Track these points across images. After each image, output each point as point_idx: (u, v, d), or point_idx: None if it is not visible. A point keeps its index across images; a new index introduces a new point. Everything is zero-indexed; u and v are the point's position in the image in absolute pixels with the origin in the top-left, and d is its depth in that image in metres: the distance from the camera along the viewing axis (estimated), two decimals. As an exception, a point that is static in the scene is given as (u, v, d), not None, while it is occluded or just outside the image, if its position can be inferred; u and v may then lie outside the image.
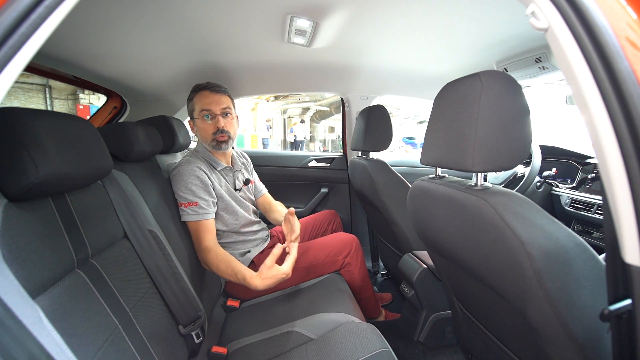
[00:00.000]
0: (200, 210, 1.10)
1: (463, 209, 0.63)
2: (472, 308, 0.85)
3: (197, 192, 1.11)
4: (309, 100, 11.69)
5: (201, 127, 1.18)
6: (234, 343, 0.98)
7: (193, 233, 1.11)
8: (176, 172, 1.13)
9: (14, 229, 0.48)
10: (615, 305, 0.42)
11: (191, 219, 1.10)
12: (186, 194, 1.10)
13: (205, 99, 1.16)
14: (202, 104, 1.16)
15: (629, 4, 0.41)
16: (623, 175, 0.39)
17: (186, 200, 1.10)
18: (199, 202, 1.11)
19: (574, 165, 1.66)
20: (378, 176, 1.31)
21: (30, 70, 1.26)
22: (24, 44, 0.37)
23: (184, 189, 1.11)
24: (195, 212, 1.09)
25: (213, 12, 1.01)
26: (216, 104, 1.16)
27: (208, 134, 1.17)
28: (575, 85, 0.42)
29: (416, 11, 1.01)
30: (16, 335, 0.36)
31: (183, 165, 1.14)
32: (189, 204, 1.10)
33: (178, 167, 1.15)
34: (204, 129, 1.17)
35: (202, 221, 1.10)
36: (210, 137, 1.17)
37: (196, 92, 1.18)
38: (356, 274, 1.28)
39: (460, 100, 0.62)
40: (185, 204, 1.10)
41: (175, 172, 1.14)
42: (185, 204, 1.10)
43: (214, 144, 1.19)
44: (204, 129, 1.17)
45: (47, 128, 0.54)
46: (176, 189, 1.12)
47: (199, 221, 1.10)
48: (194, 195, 1.10)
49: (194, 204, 1.10)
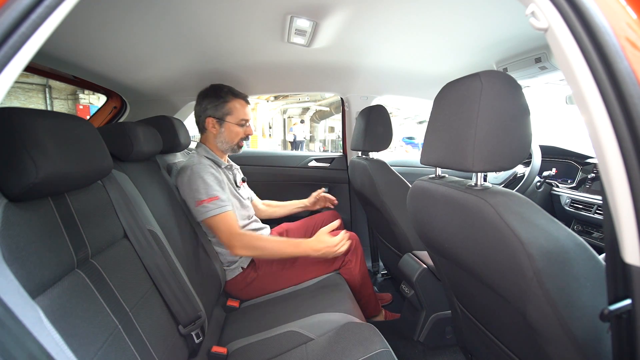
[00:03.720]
0: (221, 203, 1.13)
1: (463, 209, 0.63)
2: (472, 308, 0.85)
3: (215, 187, 1.15)
4: (309, 100, 11.68)
5: (234, 131, 1.27)
6: (234, 343, 0.98)
7: (220, 226, 1.12)
8: (190, 172, 1.15)
9: (14, 229, 0.48)
10: (615, 305, 0.42)
11: (216, 213, 1.11)
12: (207, 189, 1.13)
13: (244, 109, 1.29)
14: (243, 114, 1.28)
15: (629, 4, 0.41)
16: (623, 175, 0.39)
17: (207, 195, 1.12)
18: (219, 195, 1.14)
19: (574, 165, 1.66)
20: (378, 176, 1.31)
21: (30, 70, 1.27)
22: (24, 44, 0.37)
23: (203, 186, 1.13)
24: (218, 205, 1.12)
25: (213, 12, 1.01)
26: (250, 114, 1.32)
27: (237, 138, 1.29)
28: (575, 85, 0.42)
29: (416, 11, 1.01)
30: (16, 335, 0.36)
31: (195, 164, 1.17)
32: (211, 199, 1.12)
33: (190, 167, 1.16)
34: (237, 133, 1.28)
35: (226, 212, 1.13)
36: (237, 141, 1.29)
37: (236, 98, 1.28)
38: (356, 272, 1.28)
39: (460, 100, 0.62)
40: (206, 200, 1.11)
41: (188, 172, 1.16)
42: (207, 199, 1.12)
43: (235, 147, 1.30)
44: (237, 133, 1.28)
45: (47, 128, 0.54)
46: (194, 187, 1.13)
47: (223, 213, 1.12)
48: (213, 190, 1.14)
49: (215, 198, 1.13)
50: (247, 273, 1.24)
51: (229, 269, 1.25)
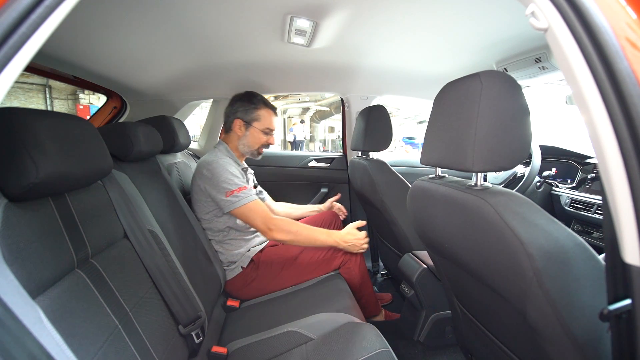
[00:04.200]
0: (249, 192, 1.18)
1: (463, 209, 0.63)
2: (472, 308, 0.85)
3: (241, 178, 1.20)
4: (309, 100, 11.67)
5: (257, 137, 1.33)
6: (234, 343, 0.98)
7: (254, 213, 1.16)
8: (216, 165, 1.18)
9: (14, 229, 0.48)
10: (614, 305, 0.42)
11: (249, 201, 1.16)
12: (235, 179, 1.17)
13: (271, 118, 1.36)
14: (269, 123, 1.35)
15: (628, 4, 0.41)
16: (623, 175, 0.39)
17: (237, 186, 1.16)
18: (246, 185, 1.19)
19: (573, 165, 1.66)
20: (378, 176, 1.31)
21: (30, 70, 1.26)
22: (24, 44, 0.37)
23: (230, 177, 1.16)
24: (247, 194, 1.16)
25: (213, 12, 1.01)
26: (275, 125, 1.38)
27: (258, 144, 1.35)
28: (575, 85, 0.42)
29: (416, 11, 1.01)
30: (16, 335, 0.36)
31: (220, 158, 1.20)
32: (240, 189, 1.16)
33: (216, 160, 1.19)
34: (259, 140, 1.34)
35: (256, 200, 1.18)
36: (258, 147, 1.35)
37: (267, 107, 1.35)
38: (355, 272, 1.28)
39: (460, 100, 0.62)
40: (236, 190, 1.15)
41: (214, 165, 1.18)
42: (237, 189, 1.15)
43: (255, 153, 1.36)
44: (259, 140, 1.34)
45: (47, 128, 0.54)
46: (222, 179, 1.16)
47: (254, 200, 1.17)
48: (240, 180, 1.18)
49: (244, 187, 1.17)
50: (247, 273, 1.24)
51: (228, 268, 1.25)
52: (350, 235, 1.22)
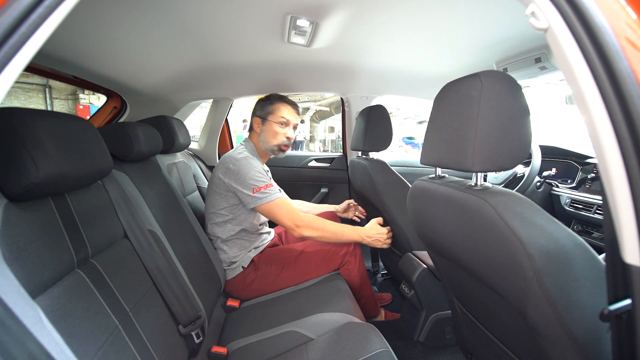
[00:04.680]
0: (276, 189, 1.20)
1: (463, 209, 0.63)
2: (472, 308, 0.85)
3: (266, 176, 1.23)
4: (309, 100, 11.67)
5: (274, 130, 1.31)
6: (234, 343, 0.98)
7: (281, 209, 1.17)
8: (244, 162, 1.19)
9: (14, 229, 0.48)
10: (615, 305, 0.42)
11: (276, 197, 1.17)
12: (262, 177, 1.18)
13: (289, 110, 1.34)
14: (286, 113, 1.32)
15: (628, 4, 0.41)
16: (623, 175, 0.39)
17: (264, 183, 1.17)
18: (272, 183, 1.20)
19: (574, 165, 1.66)
20: (378, 176, 1.31)
21: (30, 70, 1.27)
22: (24, 44, 0.37)
23: (257, 174, 1.17)
24: (274, 191, 1.18)
25: (213, 12, 1.01)
26: (295, 118, 1.36)
27: (276, 138, 1.31)
28: (575, 85, 0.42)
29: (416, 11, 1.01)
30: (16, 335, 0.36)
31: (247, 156, 1.21)
32: (267, 186, 1.17)
33: (244, 157, 1.20)
34: (276, 133, 1.31)
35: (282, 197, 1.19)
36: (278, 142, 1.31)
37: (282, 101, 1.34)
38: (355, 272, 1.28)
39: (460, 100, 0.62)
40: (264, 187, 1.16)
41: (242, 161, 1.19)
42: (264, 186, 1.16)
43: (275, 149, 1.33)
44: (276, 133, 1.31)
45: (48, 128, 0.54)
46: (250, 175, 1.16)
47: (281, 197, 1.18)
48: (266, 178, 1.20)
49: (270, 185, 1.18)
50: (247, 273, 1.24)
51: (229, 268, 1.25)
52: (374, 230, 1.25)
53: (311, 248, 1.29)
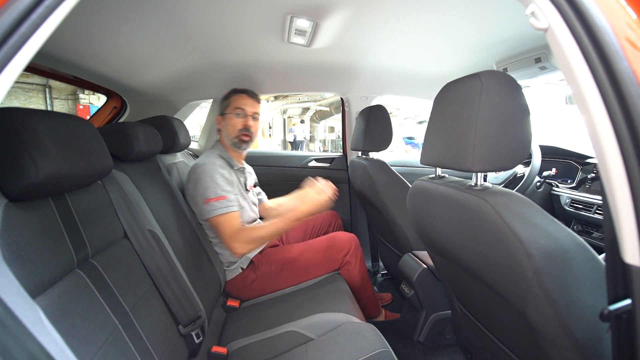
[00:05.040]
0: (228, 202, 1.14)
1: (463, 209, 0.63)
2: (472, 308, 0.85)
3: (224, 187, 1.16)
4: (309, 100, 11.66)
5: (230, 123, 1.28)
6: (233, 343, 0.98)
7: (224, 226, 1.12)
8: (201, 171, 1.16)
9: (14, 229, 0.48)
10: (615, 305, 0.42)
11: (222, 212, 1.12)
12: (216, 188, 1.14)
13: (242, 100, 1.30)
14: (238, 103, 1.29)
15: (628, 4, 0.41)
16: (623, 175, 0.39)
17: (216, 194, 1.13)
18: (227, 195, 1.15)
19: (574, 165, 1.66)
20: (378, 176, 1.31)
21: (30, 70, 1.26)
22: (24, 44, 0.37)
23: (212, 185, 1.14)
24: (224, 205, 1.13)
25: (213, 12, 1.01)
26: (250, 106, 1.30)
27: (235, 130, 1.27)
28: (575, 85, 0.42)
29: (416, 11, 1.01)
30: (16, 335, 0.36)
31: (207, 164, 1.18)
32: (220, 198, 1.13)
33: (202, 166, 1.17)
34: (233, 125, 1.28)
35: (232, 212, 1.14)
36: (236, 133, 1.27)
37: (235, 93, 1.31)
38: (356, 273, 1.28)
39: (460, 100, 0.62)
40: (215, 199, 1.12)
41: (199, 170, 1.16)
42: (216, 198, 1.12)
43: (236, 141, 1.28)
44: (233, 125, 1.28)
45: (48, 128, 0.54)
46: (203, 185, 1.14)
47: (229, 213, 1.13)
48: (222, 190, 1.15)
49: (223, 197, 1.14)
50: (246, 274, 1.24)
51: (228, 269, 1.25)
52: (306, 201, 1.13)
53: (311, 248, 1.29)
